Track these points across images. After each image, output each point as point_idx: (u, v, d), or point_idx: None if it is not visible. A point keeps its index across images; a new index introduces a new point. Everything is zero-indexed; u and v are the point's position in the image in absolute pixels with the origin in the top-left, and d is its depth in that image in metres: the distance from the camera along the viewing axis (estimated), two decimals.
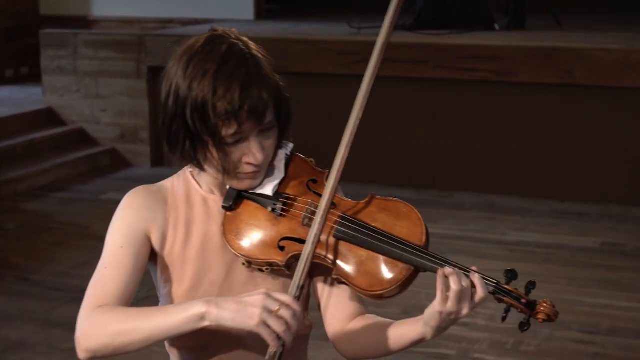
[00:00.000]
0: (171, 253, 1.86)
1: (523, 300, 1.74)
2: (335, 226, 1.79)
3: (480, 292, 1.72)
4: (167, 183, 1.91)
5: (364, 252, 1.77)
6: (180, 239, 1.86)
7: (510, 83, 6.53)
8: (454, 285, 1.70)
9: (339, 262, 1.77)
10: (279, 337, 1.64)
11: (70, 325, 1.93)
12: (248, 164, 1.78)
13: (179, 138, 1.78)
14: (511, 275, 1.76)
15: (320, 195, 1.81)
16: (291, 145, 1.90)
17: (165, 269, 1.87)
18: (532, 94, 6.51)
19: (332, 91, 6.96)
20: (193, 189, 1.89)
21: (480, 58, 6.54)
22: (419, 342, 1.80)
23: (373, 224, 1.78)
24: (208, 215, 1.86)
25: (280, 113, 1.81)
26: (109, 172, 7.29)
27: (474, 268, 1.75)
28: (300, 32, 7.61)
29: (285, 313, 1.64)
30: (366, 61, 1.93)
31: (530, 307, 1.75)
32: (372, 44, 1.88)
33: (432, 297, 5.05)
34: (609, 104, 6.35)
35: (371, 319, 1.88)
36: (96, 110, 7.52)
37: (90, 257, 4.94)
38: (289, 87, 1.89)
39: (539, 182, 6.57)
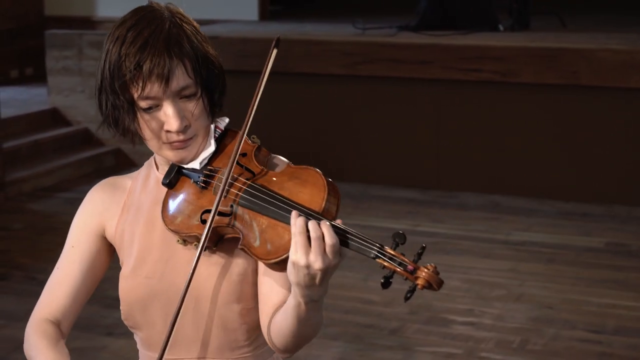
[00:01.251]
0: (122, 235, 1.89)
1: (409, 267, 1.60)
2: (241, 194, 1.75)
3: (327, 239, 1.60)
4: (137, 170, 1.96)
5: (264, 220, 1.71)
6: (130, 220, 1.89)
7: (515, 84, 6.54)
8: (293, 227, 1.62)
9: (244, 231, 1.73)
10: None
11: (76, 324, 1.96)
12: (168, 132, 1.77)
13: (104, 106, 1.80)
14: (399, 239, 1.62)
15: (242, 166, 1.79)
16: (226, 120, 1.88)
17: (120, 251, 1.91)
18: (537, 94, 6.52)
19: (336, 92, 6.97)
20: (152, 171, 1.91)
21: (484, 58, 6.55)
22: (297, 309, 1.67)
23: (280, 192, 1.72)
24: (157, 196, 1.87)
25: (197, 79, 1.77)
26: (114, 172, 7.22)
27: (338, 221, 1.66)
28: (305, 32, 7.62)
29: None
30: (371, 62, 1.92)
31: (413, 273, 1.60)
32: (377, 45, 1.87)
33: (439, 297, 5.05)
34: (614, 104, 6.36)
35: None
36: None
37: None
38: (294, 87, 1.88)
39: (544, 182, 6.58)
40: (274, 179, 1.76)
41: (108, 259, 1.94)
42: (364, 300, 4.75)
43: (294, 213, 1.65)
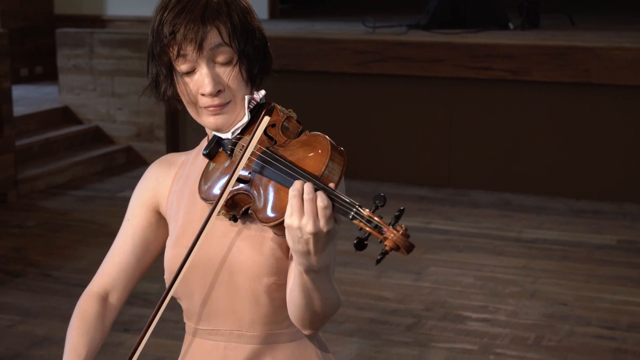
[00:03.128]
0: (171, 207, 1.93)
1: (385, 229, 1.59)
2: (254, 159, 1.77)
3: (319, 202, 1.61)
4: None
5: (272, 185, 1.74)
6: (178, 192, 1.93)
7: (526, 82, 6.56)
8: (290, 190, 1.64)
9: (255, 195, 1.76)
10: None
11: None
12: (203, 95, 1.81)
13: (149, 71, 1.86)
14: (378, 201, 1.63)
15: (268, 136, 1.80)
16: (262, 92, 1.90)
17: (169, 223, 1.95)
18: (548, 92, 6.54)
19: (347, 90, 6.99)
20: (203, 146, 1.94)
21: (495, 57, 6.57)
22: (300, 277, 1.69)
23: (288, 158, 1.74)
24: (202, 168, 1.91)
25: (233, 45, 1.80)
26: (125, 170, 7.33)
27: (331, 185, 1.67)
28: (315, 31, 7.64)
29: None
30: (382, 60, 1.94)
31: (385, 235, 1.60)
32: (388, 43, 1.88)
33: (453, 294, 5.04)
34: (625, 102, 6.38)
35: None
36: (112, 109, 7.56)
37: None
38: (306, 85, 1.89)
39: (555, 180, 6.59)
40: (289, 146, 1.79)
41: (163, 233, 1.97)
42: (377, 297, 4.77)
43: (297, 182, 1.66)
